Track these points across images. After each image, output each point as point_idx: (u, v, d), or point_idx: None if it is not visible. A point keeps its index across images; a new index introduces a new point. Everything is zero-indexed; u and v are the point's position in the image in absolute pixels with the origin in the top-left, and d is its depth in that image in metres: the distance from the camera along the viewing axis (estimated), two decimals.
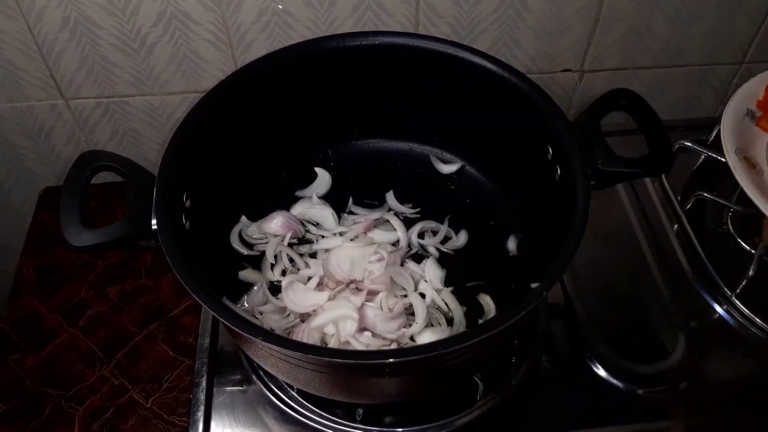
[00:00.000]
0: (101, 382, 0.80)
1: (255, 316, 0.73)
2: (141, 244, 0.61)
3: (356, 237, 0.79)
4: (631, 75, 1.01)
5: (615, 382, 0.76)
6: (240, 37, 0.89)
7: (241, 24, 0.87)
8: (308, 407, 0.73)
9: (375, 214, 0.81)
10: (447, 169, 0.88)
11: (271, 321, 0.72)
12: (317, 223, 0.83)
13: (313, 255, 0.79)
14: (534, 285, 0.55)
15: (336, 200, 0.85)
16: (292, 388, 0.75)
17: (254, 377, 0.76)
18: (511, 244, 0.80)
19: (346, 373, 0.57)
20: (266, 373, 0.76)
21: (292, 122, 0.81)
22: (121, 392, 0.79)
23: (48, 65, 0.89)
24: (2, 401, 0.78)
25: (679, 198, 0.92)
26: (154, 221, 0.61)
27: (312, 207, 0.83)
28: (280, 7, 0.86)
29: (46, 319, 0.86)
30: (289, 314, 0.72)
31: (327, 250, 0.77)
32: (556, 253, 0.58)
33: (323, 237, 0.80)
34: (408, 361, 0.51)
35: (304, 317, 0.71)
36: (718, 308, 0.83)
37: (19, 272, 0.91)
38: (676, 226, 0.90)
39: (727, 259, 0.78)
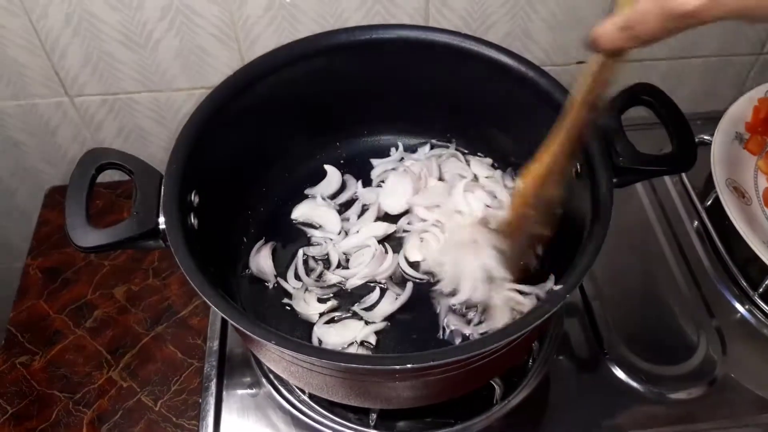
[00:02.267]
0: (109, 384, 0.79)
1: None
2: (149, 244, 0.59)
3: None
4: (648, 67, 1.00)
5: (634, 384, 0.74)
6: (246, 32, 0.87)
7: (248, 18, 0.86)
8: (320, 411, 0.72)
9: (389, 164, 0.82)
10: None
11: None
12: (320, 225, 0.81)
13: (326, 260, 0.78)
14: (555, 287, 0.54)
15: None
16: (303, 391, 0.73)
17: (264, 380, 0.75)
18: None
19: (361, 377, 0.55)
20: (277, 376, 0.75)
21: (301, 117, 0.79)
22: (129, 395, 0.78)
23: (52, 62, 0.88)
24: (10, 404, 0.78)
25: (699, 194, 0.90)
26: (161, 220, 0.59)
27: (316, 208, 0.81)
28: (288, 0, 0.84)
29: (52, 321, 0.85)
30: None
31: None
32: (577, 254, 0.56)
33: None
34: (426, 366, 0.49)
35: None
36: (740, 307, 0.81)
37: (25, 273, 0.90)
38: (696, 222, 0.89)
39: (750, 257, 0.76)
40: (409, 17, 0.89)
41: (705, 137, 0.90)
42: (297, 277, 0.76)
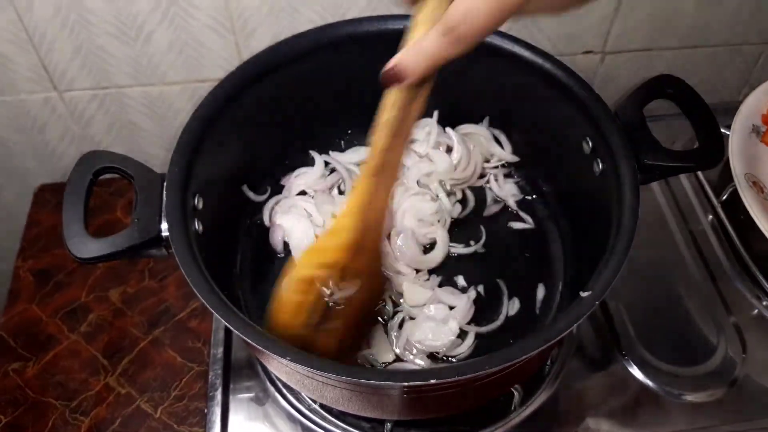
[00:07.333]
0: (106, 391, 0.77)
1: None
2: (151, 252, 0.56)
3: None
4: (656, 56, 0.98)
5: (653, 385, 0.73)
6: (243, 23, 0.85)
7: (245, 9, 0.83)
8: (331, 420, 0.70)
9: None
10: None
11: None
12: None
13: None
14: (584, 294, 0.51)
15: None
16: (314, 401, 0.71)
17: (272, 389, 0.73)
18: None
19: (380, 391, 0.53)
20: (285, 384, 0.73)
21: (306, 113, 0.77)
22: (128, 402, 0.76)
23: (40, 56, 0.85)
24: (3, 413, 0.75)
25: (714, 188, 0.89)
26: (164, 226, 0.56)
27: None
28: None
29: (45, 326, 0.82)
30: None
31: None
32: (602, 258, 0.54)
33: None
34: (451, 382, 0.47)
35: None
36: (758, 305, 0.80)
37: (15, 276, 0.87)
38: (710, 216, 0.87)
39: None
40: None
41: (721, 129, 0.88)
42: None
